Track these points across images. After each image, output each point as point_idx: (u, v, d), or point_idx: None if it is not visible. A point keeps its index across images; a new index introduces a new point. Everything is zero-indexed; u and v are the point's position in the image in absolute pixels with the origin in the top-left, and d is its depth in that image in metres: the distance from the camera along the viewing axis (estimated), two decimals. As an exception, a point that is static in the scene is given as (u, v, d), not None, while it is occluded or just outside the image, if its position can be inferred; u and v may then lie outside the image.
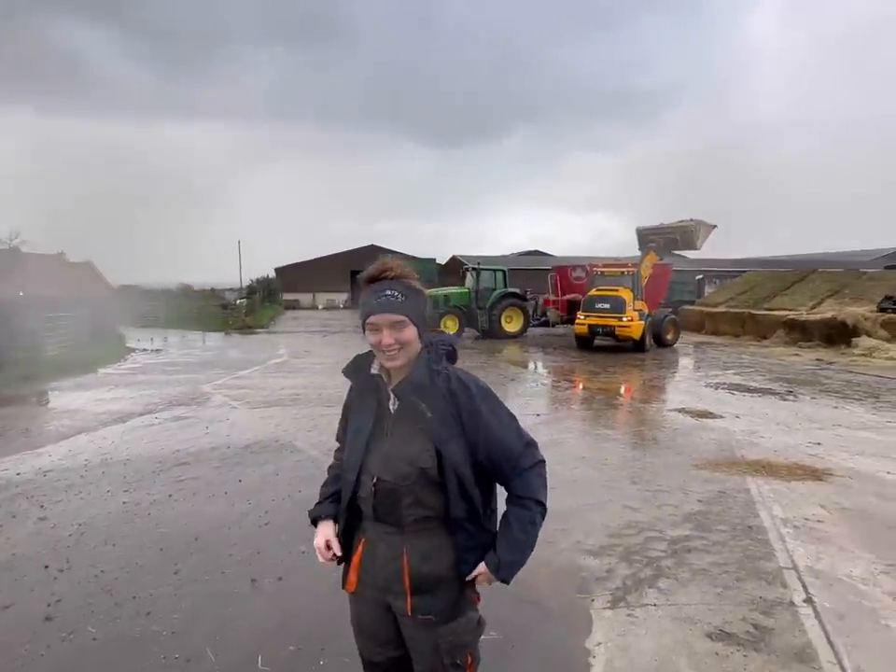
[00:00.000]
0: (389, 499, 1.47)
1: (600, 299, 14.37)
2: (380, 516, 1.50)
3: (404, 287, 1.43)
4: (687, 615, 2.77)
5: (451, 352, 1.56)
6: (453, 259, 42.47)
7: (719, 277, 28.63)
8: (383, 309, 1.40)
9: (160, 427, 6.60)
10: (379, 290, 1.42)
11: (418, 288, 1.47)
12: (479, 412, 1.47)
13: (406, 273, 1.45)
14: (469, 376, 1.54)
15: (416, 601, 1.47)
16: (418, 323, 1.45)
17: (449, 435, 1.44)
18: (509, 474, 1.49)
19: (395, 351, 1.43)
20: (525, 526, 1.48)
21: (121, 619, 2.74)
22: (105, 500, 4.29)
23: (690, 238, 15.71)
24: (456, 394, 1.47)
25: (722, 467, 5.20)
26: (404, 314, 1.41)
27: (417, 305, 1.45)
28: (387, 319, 1.41)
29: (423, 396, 1.44)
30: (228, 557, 3.38)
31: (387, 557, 1.50)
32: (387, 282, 1.42)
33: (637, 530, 3.81)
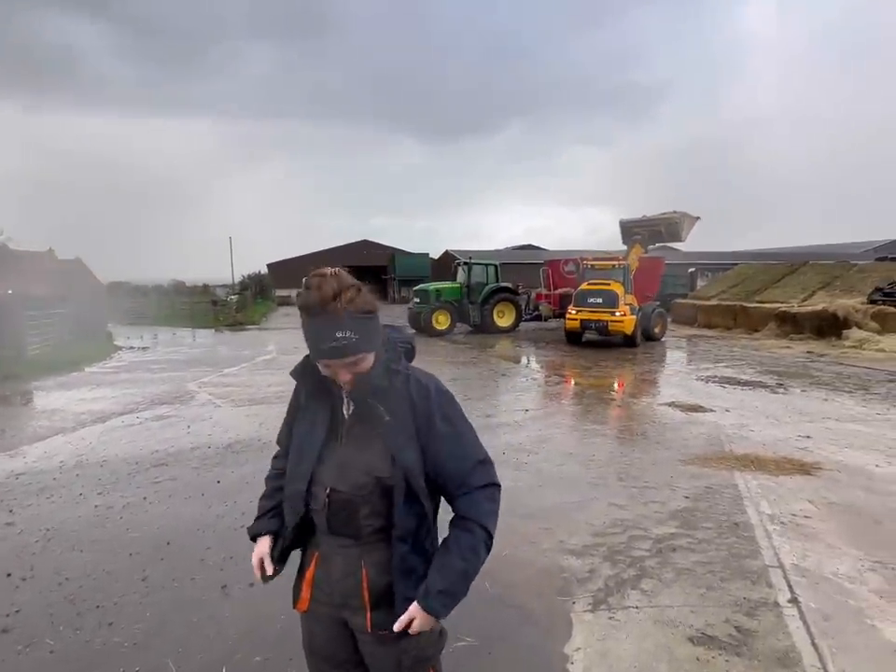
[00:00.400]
0: (345, 511, 1.37)
1: (592, 293, 14.07)
2: (335, 529, 1.39)
3: (353, 320, 1.24)
4: (669, 618, 2.69)
5: (409, 350, 1.46)
6: (445, 253, 42.36)
7: (711, 270, 28.65)
8: (335, 356, 1.26)
9: (140, 427, 6.47)
10: (326, 332, 1.23)
11: (368, 310, 1.28)
12: (433, 417, 1.37)
13: (352, 298, 1.24)
14: (429, 377, 1.44)
15: (376, 616, 1.38)
16: (375, 348, 1.33)
17: (406, 441, 1.34)
18: (455, 491, 1.38)
19: (351, 379, 1.33)
20: (465, 553, 1.34)
21: (82, 630, 2.63)
22: (77, 504, 4.17)
23: (675, 230, 15.63)
24: (413, 396, 1.37)
25: (711, 462, 5.13)
26: (360, 352, 1.28)
27: (372, 333, 1.30)
28: (341, 363, 1.29)
29: (381, 399, 1.34)
30: (199, 562, 3.28)
31: (344, 571, 1.40)
32: (333, 320, 1.22)
33: (621, 529, 3.73)
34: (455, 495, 1.39)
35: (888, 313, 13.95)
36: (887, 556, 3.29)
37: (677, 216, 15.53)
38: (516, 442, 5.76)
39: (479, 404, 7.66)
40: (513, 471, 4.89)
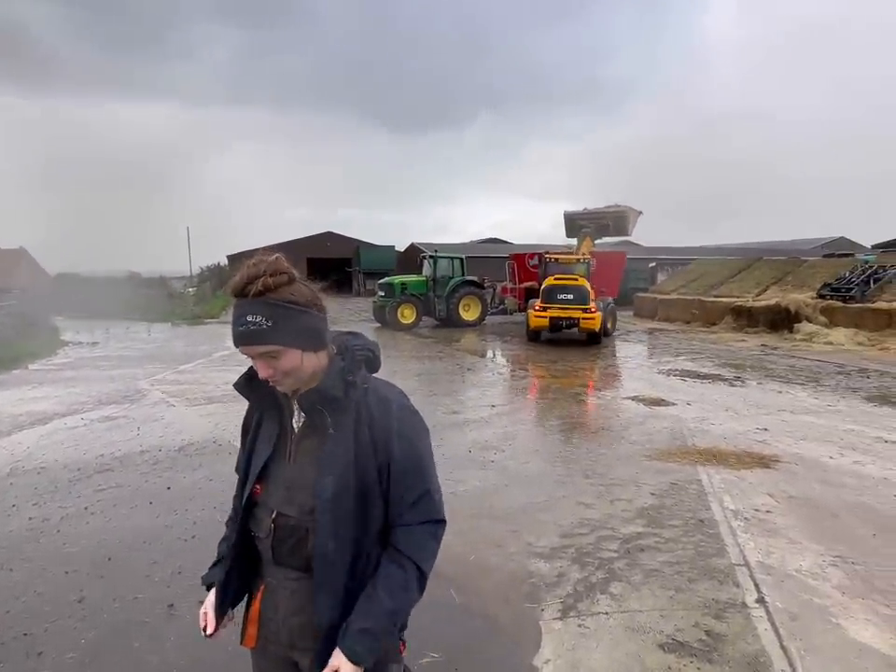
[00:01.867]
0: (292, 538, 1.21)
1: (562, 289, 13.11)
2: (280, 559, 1.23)
3: (270, 306, 1.11)
4: (639, 623, 2.63)
5: (371, 359, 1.29)
6: (411, 246, 42.01)
7: (671, 265, 29.33)
8: (244, 340, 1.12)
9: (84, 430, 6.07)
10: (239, 316, 1.11)
11: (293, 301, 1.13)
12: (391, 433, 1.21)
13: (276, 283, 1.11)
14: (392, 390, 1.29)
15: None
16: (300, 346, 1.15)
17: (336, 464, 1.18)
18: (394, 519, 1.23)
19: (278, 379, 1.17)
20: (394, 590, 1.18)
21: (6, 663, 2.37)
22: (9, 517, 3.83)
23: (622, 224, 15.75)
24: (372, 410, 1.22)
25: (675, 456, 5.16)
26: (271, 342, 1.12)
27: (294, 325, 1.13)
28: (253, 351, 1.14)
29: (331, 410, 1.18)
30: (144, 579, 3.04)
31: (291, 608, 1.24)
32: (248, 304, 1.11)
33: (589, 529, 3.68)
34: (393, 523, 1.23)
35: (835, 307, 14.52)
36: (845, 550, 3.34)
37: (627, 209, 15.66)
38: (482, 440, 5.67)
39: (445, 400, 7.54)
40: (479, 470, 4.79)
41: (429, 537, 1.23)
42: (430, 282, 17.86)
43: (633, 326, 18.29)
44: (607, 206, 15.88)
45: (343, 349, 1.26)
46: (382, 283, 18.46)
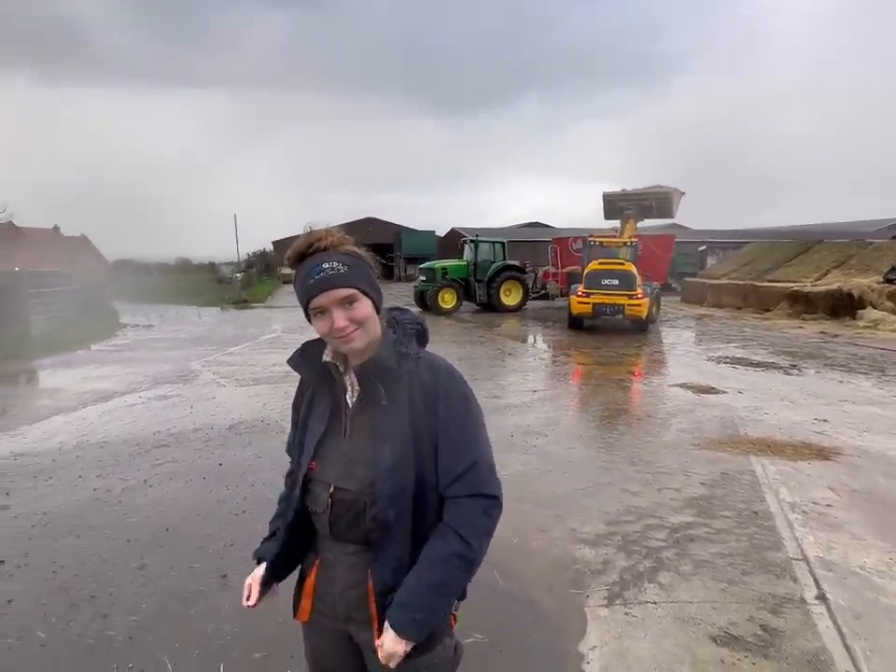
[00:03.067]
0: (350, 512, 1.20)
1: (607, 273, 12.47)
2: (338, 534, 1.23)
3: (344, 255, 1.16)
4: (690, 615, 2.56)
5: (421, 332, 1.29)
6: (452, 231, 41.86)
7: (722, 248, 28.13)
8: (324, 286, 1.12)
9: (142, 407, 6.37)
10: (313, 268, 1.13)
11: (361, 254, 1.20)
12: (438, 396, 1.20)
13: (341, 240, 1.17)
14: (442, 359, 1.28)
15: None
16: (372, 293, 1.18)
17: (392, 435, 1.18)
18: (443, 490, 1.20)
19: (352, 331, 1.15)
20: (434, 564, 1.15)
21: (75, 622, 2.53)
22: (76, 487, 4.07)
23: (666, 205, 15.00)
24: (423, 378, 1.21)
25: (726, 446, 4.97)
26: (352, 285, 1.14)
27: (366, 273, 1.18)
28: (333, 297, 1.13)
29: (386, 380, 1.18)
30: (198, 550, 3.17)
31: (348, 581, 1.24)
32: (320, 254, 1.15)
33: (636, 517, 3.59)
34: (443, 494, 1.21)
35: (904, 292, 13.62)
36: (915, 549, 3.14)
37: (672, 190, 14.94)
38: (524, 425, 5.62)
39: (486, 384, 7.51)
40: (522, 455, 4.75)
41: (479, 511, 1.18)
42: (471, 266, 17.76)
43: (680, 311, 17.70)
44: (647, 187, 15.22)
45: (392, 323, 1.25)
46: (422, 268, 18.49)
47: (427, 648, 1.24)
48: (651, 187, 15.19)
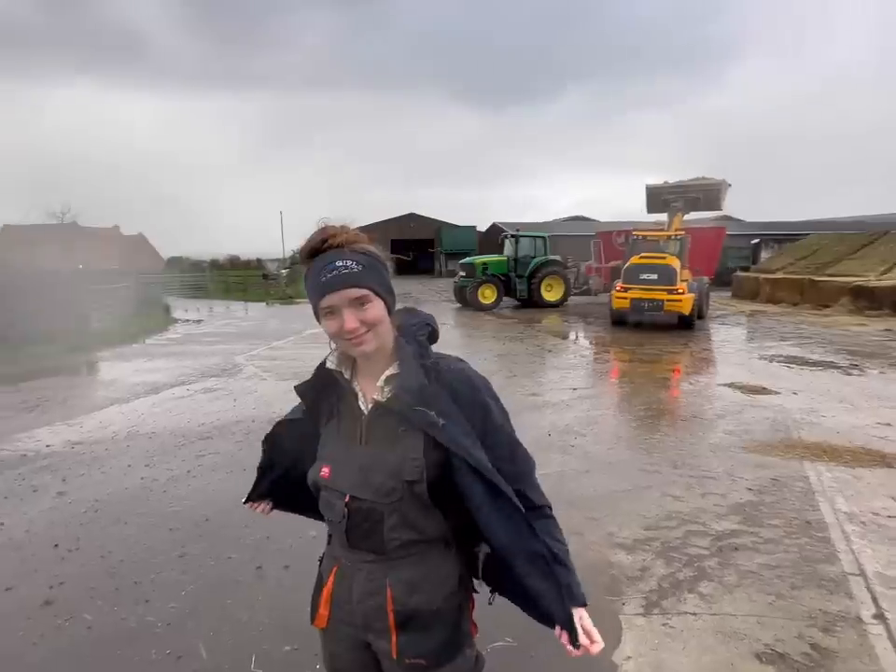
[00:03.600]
0: (367, 522, 1.17)
1: (646, 268, 12.20)
2: (355, 542, 1.20)
3: (357, 253, 1.10)
4: (732, 628, 2.43)
5: (431, 332, 1.24)
6: (493, 226, 41.59)
7: (777, 241, 26.79)
8: (336, 285, 1.07)
9: (189, 400, 6.61)
10: (326, 264, 1.09)
11: (377, 253, 1.14)
12: (487, 405, 1.19)
13: (356, 238, 1.12)
14: (460, 362, 1.24)
15: (403, 641, 1.19)
16: (385, 295, 1.13)
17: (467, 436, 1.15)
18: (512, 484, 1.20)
19: (363, 333, 1.11)
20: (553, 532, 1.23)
21: (119, 606, 2.63)
22: (125, 475, 4.26)
23: (714, 197, 14.30)
24: (454, 386, 1.17)
25: (777, 450, 4.72)
26: (365, 286, 1.09)
27: (380, 274, 1.13)
28: (345, 297, 1.08)
29: (425, 401, 1.13)
30: (236, 541, 3.25)
31: (366, 590, 1.21)
32: (334, 252, 1.10)
33: (677, 522, 3.45)
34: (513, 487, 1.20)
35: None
36: None
37: (720, 181, 14.27)
38: (563, 424, 5.51)
39: (524, 381, 7.42)
40: (560, 455, 4.65)
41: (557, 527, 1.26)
42: (511, 262, 17.59)
43: (731, 308, 16.98)
44: (692, 179, 14.60)
45: (401, 328, 1.20)
46: (463, 263, 18.45)
47: (446, 660, 1.21)
48: (696, 178, 14.60)
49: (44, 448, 4.91)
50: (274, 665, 2.26)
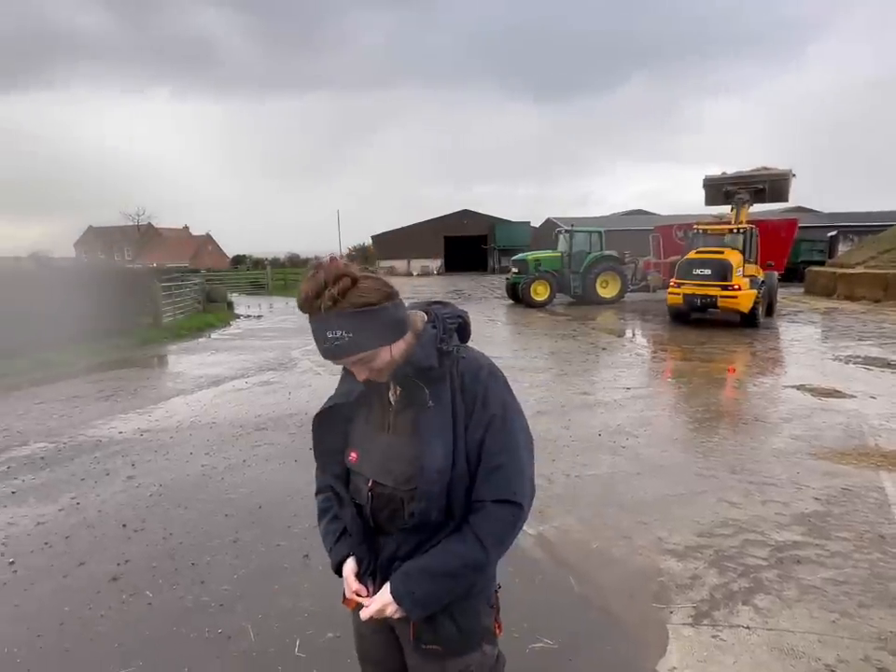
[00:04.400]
0: (388, 507, 1.22)
1: (699, 263, 11.89)
2: (378, 526, 1.25)
3: (345, 317, 1.06)
4: (790, 645, 2.29)
5: (462, 325, 1.25)
6: (547, 221, 40.96)
7: (857, 234, 24.90)
8: (331, 357, 1.11)
9: (247, 392, 6.91)
10: (319, 333, 1.09)
11: (367, 303, 1.08)
12: (477, 398, 1.17)
13: (341, 291, 1.05)
14: (483, 357, 1.24)
15: (421, 628, 1.22)
16: (387, 342, 1.13)
17: (439, 435, 1.15)
18: (473, 493, 1.18)
19: (374, 377, 1.17)
20: (447, 558, 1.15)
21: (178, 586, 2.79)
22: (187, 463, 4.51)
23: (780, 188, 13.39)
24: (464, 378, 1.18)
25: (850, 458, 4.39)
26: (359, 352, 1.10)
27: (374, 327, 1.09)
28: (345, 362, 1.14)
29: (427, 380, 1.16)
30: (286, 529, 3.37)
31: (387, 574, 1.25)
32: (322, 320, 1.07)
33: (733, 530, 3.28)
34: (473, 497, 1.18)
35: None
36: None
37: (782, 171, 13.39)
38: (614, 424, 5.35)
39: (576, 380, 7.27)
40: (610, 456, 4.53)
41: (501, 518, 1.16)
42: (566, 257, 17.26)
43: (803, 305, 15.95)
44: (754, 169, 13.77)
45: (433, 318, 1.22)
46: (515, 259, 18.27)
47: (463, 650, 1.24)
48: (757, 168, 13.78)
49: (117, 434, 5.27)
50: (318, 651, 2.33)
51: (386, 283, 1.14)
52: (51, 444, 5.02)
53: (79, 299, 9.85)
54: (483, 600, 1.27)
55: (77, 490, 4.00)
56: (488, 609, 1.29)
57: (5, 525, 3.49)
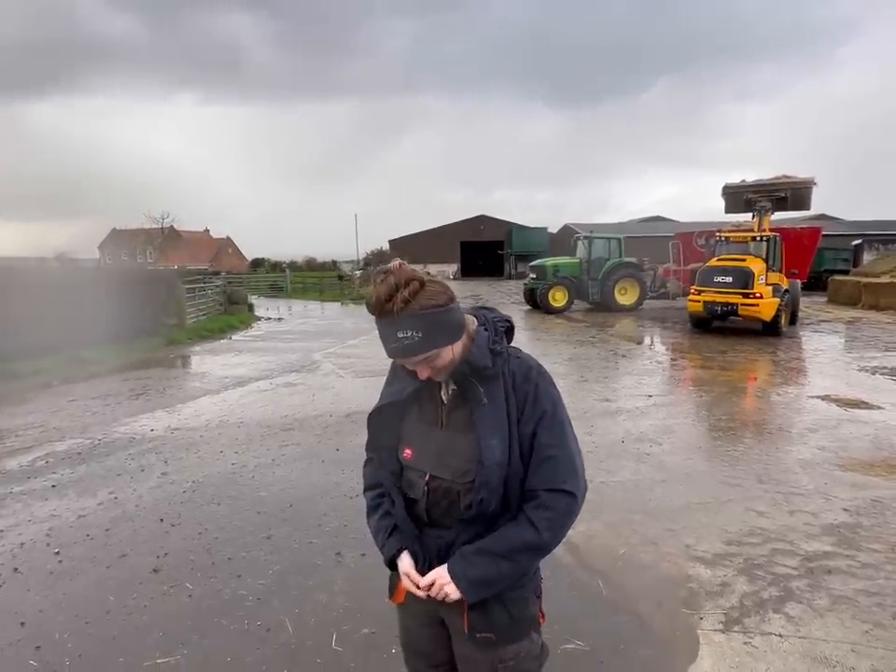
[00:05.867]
0: (445, 500, 1.27)
1: (720, 270, 11.85)
2: (433, 520, 1.30)
3: (416, 318, 1.13)
4: (823, 654, 2.29)
5: (510, 329, 1.33)
6: (565, 227, 40.86)
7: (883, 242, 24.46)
8: (399, 356, 1.19)
9: (272, 393, 7.03)
10: (388, 333, 1.15)
11: (435, 305, 1.15)
12: (528, 396, 1.25)
13: (412, 293, 1.12)
14: (530, 357, 1.32)
15: (474, 616, 1.28)
16: (451, 342, 1.20)
17: (496, 431, 1.22)
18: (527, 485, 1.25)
19: (435, 375, 1.24)
20: (506, 541, 1.22)
21: (216, 579, 2.88)
22: (218, 460, 4.62)
23: (803, 196, 13.29)
24: (516, 376, 1.26)
25: (880, 469, 4.35)
26: (427, 351, 1.17)
27: (439, 329, 1.16)
28: (412, 362, 1.20)
29: (482, 379, 1.23)
30: (317, 527, 3.45)
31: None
32: (393, 321, 1.13)
33: (761, 539, 3.28)
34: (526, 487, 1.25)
35: None
36: None
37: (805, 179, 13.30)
38: (637, 431, 5.36)
39: (596, 387, 7.27)
40: (634, 463, 4.54)
41: (556, 506, 1.22)
42: (584, 264, 17.21)
43: (827, 314, 15.70)
44: (774, 177, 13.68)
45: (484, 321, 1.28)
46: (533, 265, 18.27)
47: (514, 638, 1.30)
48: (778, 176, 13.68)
49: (149, 432, 5.41)
50: (354, 645, 2.39)
51: (448, 287, 1.21)
52: (87, 440, 5.17)
53: (107, 300, 10.11)
54: (531, 589, 1.33)
55: (114, 485, 4.12)
56: (535, 598, 1.35)
57: (48, 516, 3.62)
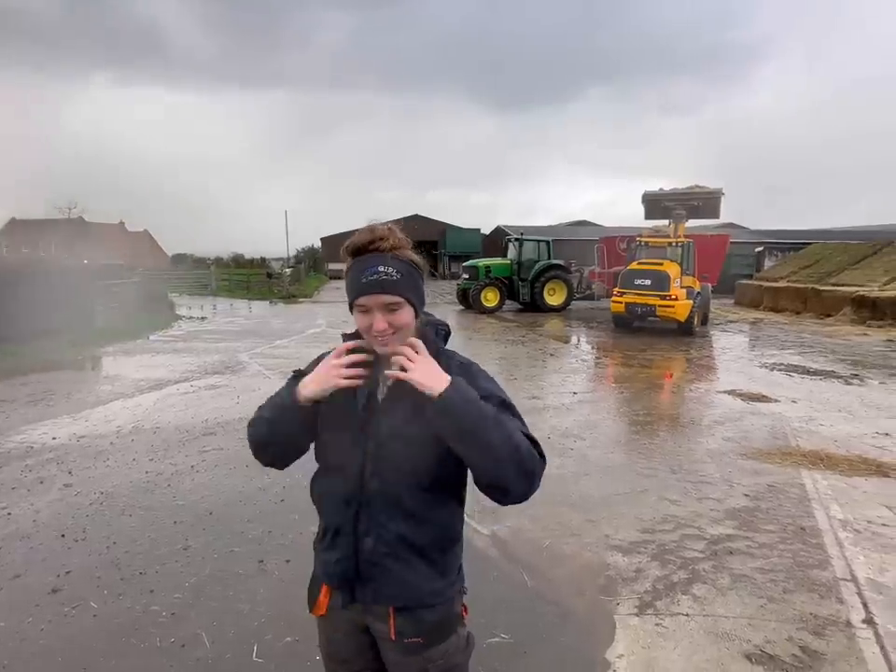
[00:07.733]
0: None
1: (640, 273, 12.62)
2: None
3: (400, 261, 1.19)
4: (724, 630, 2.48)
5: (448, 332, 1.37)
6: (497, 229, 41.68)
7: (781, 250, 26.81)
8: (373, 289, 1.16)
9: (193, 396, 6.68)
10: (369, 266, 1.17)
11: (416, 262, 1.23)
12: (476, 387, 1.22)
13: (401, 243, 1.21)
14: (466, 359, 1.34)
15: (401, 622, 1.26)
16: (416, 304, 1.23)
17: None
18: None
19: (388, 336, 1.19)
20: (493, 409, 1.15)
21: (124, 596, 2.69)
22: (130, 469, 4.32)
23: (713, 205, 14.58)
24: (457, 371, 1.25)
25: (774, 457, 4.76)
26: (400, 294, 1.17)
27: (415, 283, 1.22)
28: (380, 301, 1.17)
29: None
30: (239, 535, 3.31)
31: None
32: (378, 256, 1.18)
33: (673, 525, 3.50)
34: None
35: None
36: (981, 576, 2.93)
37: (714, 189, 14.55)
38: (563, 427, 5.56)
39: (525, 384, 7.47)
40: (558, 458, 4.70)
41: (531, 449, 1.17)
42: (515, 265, 17.66)
43: (733, 315, 17.01)
44: (688, 187, 14.82)
45: (425, 322, 1.30)
46: (466, 266, 18.52)
47: (442, 638, 1.29)
48: (691, 186, 14.79)
49: (50, 441, 4.97)
50: (276, 655, 2.31)
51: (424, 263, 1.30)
52: (-25, 452, 4.68)
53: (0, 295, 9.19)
54: (458, 587, 1.33)
55: (7, 500, 3.75)
56: (459, 595, 1.36)
57: (-75, 538, 3.25)
